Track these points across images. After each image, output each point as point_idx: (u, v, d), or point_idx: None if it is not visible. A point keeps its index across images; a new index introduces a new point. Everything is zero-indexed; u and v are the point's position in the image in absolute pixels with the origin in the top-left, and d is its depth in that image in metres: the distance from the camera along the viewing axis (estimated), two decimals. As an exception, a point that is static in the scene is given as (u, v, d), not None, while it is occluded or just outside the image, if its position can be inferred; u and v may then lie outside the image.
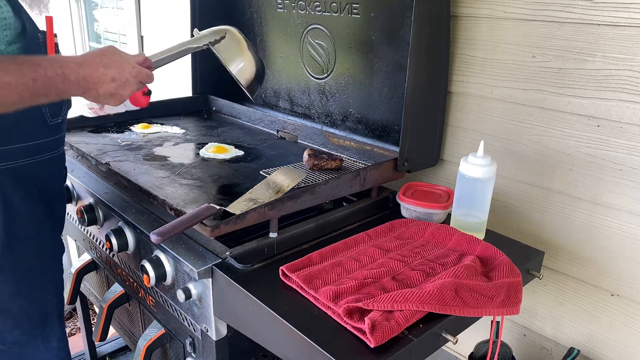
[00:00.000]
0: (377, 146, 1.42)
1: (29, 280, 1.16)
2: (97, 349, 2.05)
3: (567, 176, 1.24)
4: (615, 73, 1.11)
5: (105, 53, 1.01)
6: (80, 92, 0.98)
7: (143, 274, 1.14)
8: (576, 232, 1.25)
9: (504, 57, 1.27)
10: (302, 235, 1.18)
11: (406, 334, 0.85)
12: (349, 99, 1.51)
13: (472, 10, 1.30)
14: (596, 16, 1.10)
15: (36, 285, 1.17)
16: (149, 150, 1.50)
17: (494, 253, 1.08)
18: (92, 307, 2.23)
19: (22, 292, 1.15)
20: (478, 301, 0.92)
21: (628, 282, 1.19)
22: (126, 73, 1.02)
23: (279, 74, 1.72)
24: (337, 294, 0.91)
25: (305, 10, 1.54)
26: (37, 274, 1.18)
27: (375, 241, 1.14)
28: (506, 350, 1.30)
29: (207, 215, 1.02)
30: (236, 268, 1.03)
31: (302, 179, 1.22)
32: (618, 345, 1.24)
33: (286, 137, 1.69)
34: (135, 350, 1.34)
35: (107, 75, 0.99)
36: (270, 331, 0.94)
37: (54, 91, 0.93)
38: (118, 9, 2.83)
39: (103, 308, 1.46)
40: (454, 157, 1.45)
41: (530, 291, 1.36)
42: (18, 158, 1.05)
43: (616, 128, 1.13)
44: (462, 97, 1.39)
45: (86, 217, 1.37)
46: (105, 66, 0.99)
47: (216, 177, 1.34)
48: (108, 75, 0.99)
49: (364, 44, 1.42)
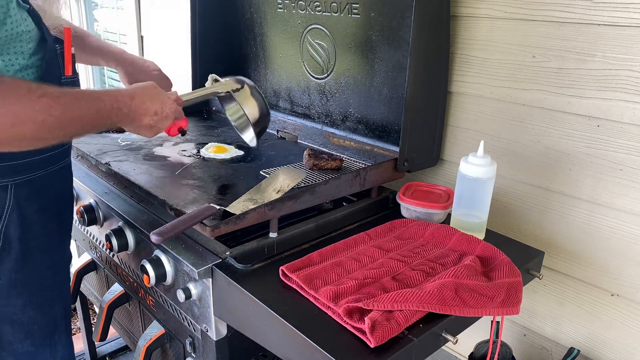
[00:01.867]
0: (377, 146, 1.43)
1: (40, 291, 1.14)
2: (97, 349, 2.05)
3: (567, 176, 1.24)
4: (615, 73, 1.11)
5: (149, 87, 1.09)
6: (128, 122, 1.06)
7: (143, 274, 1.14)
8: (576, 232, 1.25)
9: (504, 57, 1.27)
10: (302, 235, 1.18)
11: (406, 334, 0.85)
12: (349, 99, 1.51)
13: (472, 10, 1.30)
14: (596, 16, 1.10)
15: (47, 296, 1.16)
16: (149, 150, 1.50)
17: (494, 253, 1.08)
18: (92, 307, 2.23)
19: (34, 303, 1.13)
20: (478, 301, 0.92)
21: (628, 282, 1.19)
22: (167, 108, 1.10)
23: (279, 74, 1.72)
24: (337, 294, 0.91)
25: (305, 10, 1.54)
26: (48, 284, 1.17)
27: (375, 241, 1.14)
28: (506, 350, 1.30)
29: (207, 215, 1.02)
30: (236, 268, 1.03)
31: (302, 179, 1.22)
32: (618, 345, 1.25)
33: (286, 137, 1.69)
34: (135, 350, 1.34)
35: (151, 109, 1.07)
36: (270, 331, 0.94)
37: (108, 122, 1.00)
38: (118, 9, 2.83)
39: (103, 308, 1.46)
40: (454, 157, 1.45)
41: (530, 291, 1.36)
42: (35, 170, 1.06)
43: (616, 128, 1.13)
44: (462, 97, 1.39)
45: (86, 217, 1.38)
46: (150, 100, 1.06)
47: (216, 177, 1.34)
48: (152, 109, 1.07)
49: (364, 44, 1.42)
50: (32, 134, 0.85)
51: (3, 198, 1.02)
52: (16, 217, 1.04)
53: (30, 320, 1.14)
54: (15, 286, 1.09)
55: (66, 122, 0.89)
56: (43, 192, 1.09)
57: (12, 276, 1.08)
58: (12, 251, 1.06)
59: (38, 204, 1.09)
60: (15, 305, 1.11)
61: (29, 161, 1.04)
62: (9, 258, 1.06)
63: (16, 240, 1.06)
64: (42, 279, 1.14)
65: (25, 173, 1.04)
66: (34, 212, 1.08)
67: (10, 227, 1.04)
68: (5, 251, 1.05)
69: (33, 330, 1.16)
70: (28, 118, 0.83)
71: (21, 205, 1.05)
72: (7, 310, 1.10)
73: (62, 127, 0.89)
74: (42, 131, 0.86)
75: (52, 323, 1.19)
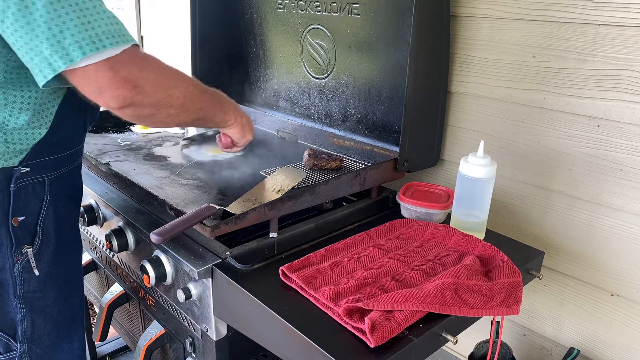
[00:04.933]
0: (377, 146, 1.42)
1: (66, 284, 1.19)
2: (97, 349, 2.05)
3: (567, 176, 1.24)
4: (615, 73, 1.11)
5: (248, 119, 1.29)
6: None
7: (143, 274, 1.14)
8: (576, 232, 1.25)
9: (504, 57, 1.27)
10: (302, 235, 1.18)
11: (406, 334, 0.85)
12: (349, 99, 1.51)
13: (472, 10, 1.30)
14: (596, 16, 1.10)
15: (70, 289, 1.21)
16: (149, 150, 1.50)
17: (494, 253, 1.08)
18: (92, 307, 2.23)
19: (62, 296, 1.18)
20: (478, 301, 0.92)
21: (628, 282, 1.19)
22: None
23: (279, 74, 1.72)
24: (337, 294, 0.91)
25: (305, 10, 1.54)
26: (72, 276, 1.22)
27: (375, 241, 1.14)
28: (506, 350, 1.30)
29: (207, 215, 1.02)
30: (236, 268, 1.03)
31: (302, 179, 1.22)
32: (618, 345, 1.24)
33: (286, 137, 1.69)
34: (135, 350, 1.34)
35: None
36: (270, 331, 0.94)
37: (213, 124, 1.21)
38: (118, 9, 2.82)
39: (103, 308, 1.46)
40: (454, 157, 1.45)
41: (530, 291, 1.36)
42: (62, 166, 1.10)
43: (616, 128, 1.13)
44: (462, 97, 1.39)
45: (86, 217, 1.38)
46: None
47: (216, 177, 1.34)
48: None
49: (364, 44, 1.42)
50: (181, 100, 0.96)
51: (42, 193, 1.07)
52: (52, 212, 1.10)
53: (59, 313, 1.19)
54: (50, 279, 1.14)
55: (199, 99, 1.03)
56: (68, 188, 1.15)
57: (49, 269, 1.13)
58: (49, 244, 1.11)
59: (66, 199, 1.14)
60: (49, 298, 1.16)
61: (61, 156, 1.09)
62: (47, 251, 1.11)
63: (53, 234, 1.11)
64: (67, 270, 1.20)
65: (59, 168, 1.09)
66: (64, 206, 1.13)
67: (47, 221, 1.09)
68: (44, 244, 1.10)
69: (59, 322, 1.21)
70: (181, 84, 0.97)
71: (55, 200, 1.10)
72: (42, 303, 1.15)
73: (197, 101, 1.02)
74: (187, 101, 0.98)
75: (72, 315, 1.24)
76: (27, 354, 1.16)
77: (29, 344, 1.16)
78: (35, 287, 1.12)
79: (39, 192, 1.06)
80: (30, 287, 1.11)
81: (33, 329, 1.15)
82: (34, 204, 1.06)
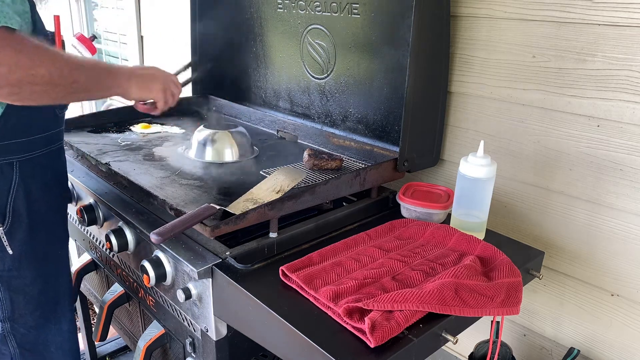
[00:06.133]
0: (377, 146, 1.42)
1: (46, 264, 1.24)
2: (97, 349, 2.05)
3: (567, 176, 1.24)
4: (615, 73, 1.11)
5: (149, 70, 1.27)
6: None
7: (143, 274, 1.14)
8: (576, 232, 1.25)
9: (504, 57, 1.27)
10: (302, 235, 1.18)
11: (406, 334, 0.85)
12: (349, 99, 1.51)
13: (472, 10, 1.30)
14: (596, 16, 1.10)
15: (51, 270, 1.26)
16: (149, 150, 1.50)
17: (494, 253, 1.08)
18: (92, 307, 2.23)
19: (42, 276, 1.23)
20: (478, 301, 0.92)
21: (628, 282, 1.19)
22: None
23: (279, 74, 1.72)
24: (337, 294, 0.91)
25: (305, 10, 1.54)
26: (53, 259, 1.27)
27: (375, 241, 1.14)
28: (506, 350, 1.30)
29: (207, 215, 1.02)
30: (236, 268, 1.03)
31: (302, 179, 1.22)
32: (618, 345, 1.24)
33: (286, 137, 1.69)
34: (135, 350, 1.34)
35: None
36: (270, 331, 0.94)
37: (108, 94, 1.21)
38: (118, 9, 2.82)
39: (103, 308, 1.46)
40: (454, 157, 1.45)
41: (530, 291, 1.36)
42: (36, 149, 1.15)
43: (616, 128, 1.13)
44: (462, 97, 1.39)
45: (86, 217, 1.38)
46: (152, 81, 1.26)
47: (216, 177, 1.34)
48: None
49: (364, 44, 1.42)
50: (47, 78, 0.94)
51: (10, 174, 1.13)
52: (22, 193, 1.15)
53: (40, 293, 1.24)
54: (26, 258, 1.19)
55: (71, 74, 1.00)
56: (45, 171, 1.19)
57: (22, 248, 1.18)
58: (22, 224, 1.17)
59: (41, 181, 1.19)
60: (26, 277, 1.20)
61: (31, 139, 1.13)
62: (20, 230, 1.16)
63: (24, 214, 1.16)
64: (47, 252, 1.24)
65: (29, 151, 1.14)
66: (38, 189, 1.18)
67: (17, 201, 1.15)
68: (16, 224, 1.16)
69: (42, 302, 1.25)
70: (47, 62, 0.94)
71: (26, 182, 1.15)
72: (19, 281, 1.20)
73: (68, 77, 0.99)
74: (54, 78, 0.96)
75: (56, 297, 1.28)
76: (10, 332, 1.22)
77: (11, 322, 1.22)
78: (10, 265, 1.17)
79: (6, 173, 1.11)
80: (5, 265, 1.16)
81: (13, 308, 1.20)
82: (2, 184, 1.11)
